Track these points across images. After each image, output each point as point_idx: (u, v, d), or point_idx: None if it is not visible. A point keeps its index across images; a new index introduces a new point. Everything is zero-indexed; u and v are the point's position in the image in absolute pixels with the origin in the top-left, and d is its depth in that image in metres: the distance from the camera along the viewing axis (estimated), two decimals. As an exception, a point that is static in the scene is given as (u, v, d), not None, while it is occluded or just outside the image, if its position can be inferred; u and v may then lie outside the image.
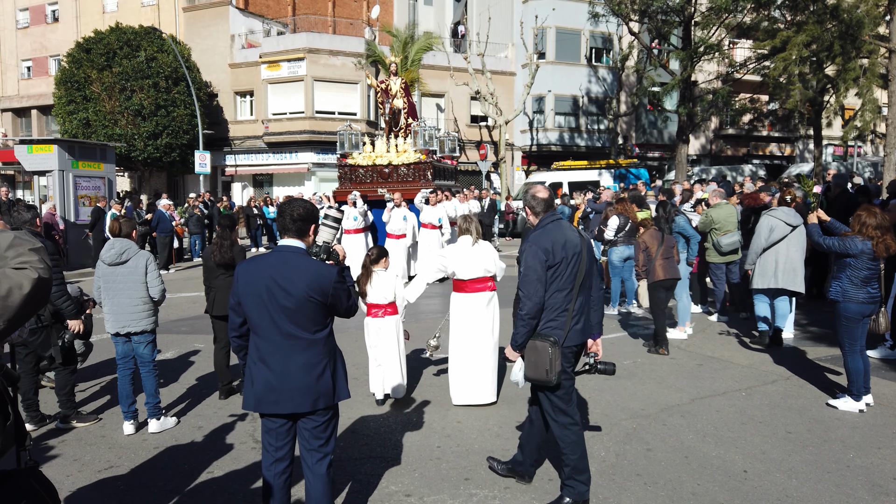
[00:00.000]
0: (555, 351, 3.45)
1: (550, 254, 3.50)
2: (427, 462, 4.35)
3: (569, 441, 3.62)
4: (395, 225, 12.00)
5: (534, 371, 3.51)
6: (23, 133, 33.85)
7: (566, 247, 3.54)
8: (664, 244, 7.03)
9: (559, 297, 3.53)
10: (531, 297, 3.48)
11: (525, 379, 3.60)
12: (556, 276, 3.52)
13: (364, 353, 7.13)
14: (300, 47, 27.22)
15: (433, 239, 12.12)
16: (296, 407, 3.00)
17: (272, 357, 3.01)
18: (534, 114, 30.81)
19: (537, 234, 3.62)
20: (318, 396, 3.01)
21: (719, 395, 5.67)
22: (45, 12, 33.52)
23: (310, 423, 3.07)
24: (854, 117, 20.59)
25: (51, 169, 15.08)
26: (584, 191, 16.63)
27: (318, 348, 3.03)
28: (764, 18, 21.88)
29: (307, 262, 3.00)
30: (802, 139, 34.99)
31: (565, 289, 3.53)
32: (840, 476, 4.07)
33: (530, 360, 3.51)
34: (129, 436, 4.93)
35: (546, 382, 3.49)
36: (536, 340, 3.51)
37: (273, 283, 2.96)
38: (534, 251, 3.51)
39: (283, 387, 2.99)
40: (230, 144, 29.04)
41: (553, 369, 3.45)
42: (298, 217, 3.07)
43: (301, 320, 2.97)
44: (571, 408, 3.68)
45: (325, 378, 3.03)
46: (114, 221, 5.30)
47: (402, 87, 13.55)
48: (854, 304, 5.13)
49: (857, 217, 5.24)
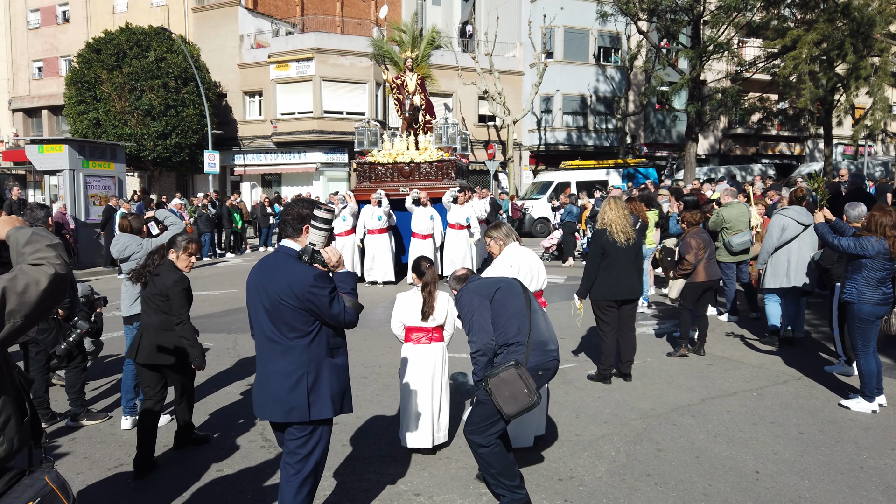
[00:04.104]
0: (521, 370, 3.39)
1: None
2: (436, 461, 4.34)
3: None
4: (422, 224, 11.67)
5: (515, 404, 3.35)
6: (34, 133, 34.09)
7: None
8: (709, 245, 6.85)
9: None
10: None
11: (509, 419, 3.42)
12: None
13: (373, 351, 7.17)
14: (309, 47, 27.28)
15: (461, 239, 11.78)
16: (272, 416, 2.94)
17: (260, 360, 3.04)
18: (542, 113, 30.74)
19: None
20: (291, 409, 2.89)
21: (730, 395, 5.63)
22: (56, 13, 33.74)
23: (288, 436, 2.99)
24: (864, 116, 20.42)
25: (61, 168, 15.18)
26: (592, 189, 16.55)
27: (295, 356, 2.90)
28: (774, 17, 21.75)
29: (290, 265, 2.92)
30: (812, 138, 34.75)
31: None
32: (853, 477, 4.03)
33: (504, 396, 3.35)
34: (126, 430, 5.00)
35: (532, 406, 3.37)
36: (500, 372, 3.38)
37: (260, 284, 2.97)
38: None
39: (266, 392, 2.96)
40: (239, 144, 29.15)
41: (531, 388, 3.35)
42: (292, 218, 3.01)
43: (279, 324, 2.91)
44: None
45: (300, 390, 2.89)
46: (122, 219, 5.36)
47: (418, 82, 13.16)
48: (869, 305, 5.06)
49: (872, 216, 5.15)
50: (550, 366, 3.62)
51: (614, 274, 5.81)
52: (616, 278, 5.82)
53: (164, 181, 29.48)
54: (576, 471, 4.14)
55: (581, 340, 7.48)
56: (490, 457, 3.53)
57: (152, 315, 4.32)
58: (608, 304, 5.89)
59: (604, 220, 5.92)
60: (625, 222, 5.86)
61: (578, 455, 4.41)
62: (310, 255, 2.89)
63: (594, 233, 6.13)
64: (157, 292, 4.26)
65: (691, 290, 6.84)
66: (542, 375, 3.56)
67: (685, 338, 6.89)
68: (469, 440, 3.60)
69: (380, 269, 12.00)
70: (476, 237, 11.86)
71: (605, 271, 5.83)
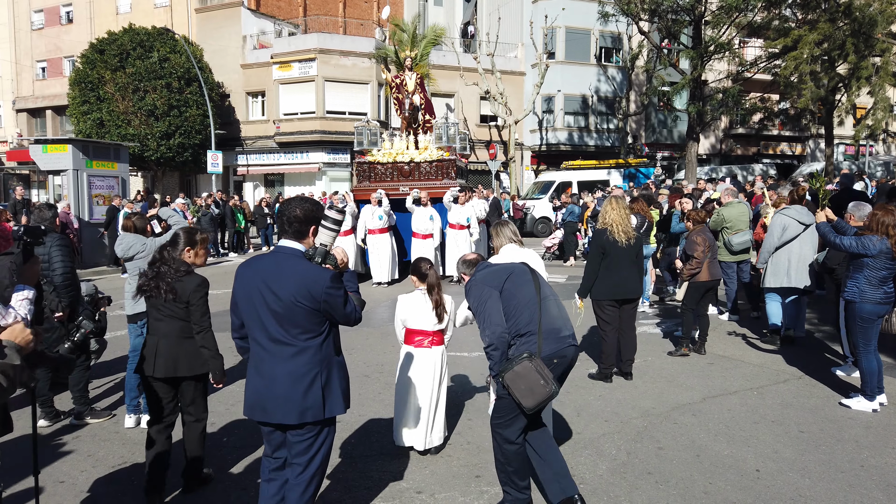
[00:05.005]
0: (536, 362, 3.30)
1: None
2: (438, 459, 4.36)
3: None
4: (422, 224, 11.69)
5: (532, 397, 3.26)
6: (38, 133, 34.16)
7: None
8: (713, 243, 6.84)
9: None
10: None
11: (529, 412, 3.32)
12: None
13: (375, 350, 7.19)
14: (311, 48, 27.33)
15: (461, 239, 11.79)
16: (283, 417, 2.86)
17: (263, 363, 2.92)
18: (543, 113, 30.76)
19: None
20: (305, 409, 2.85)
21: (731, 393, 5.64)
22: (60, 14, 33.83)
23: (296, 437, 2.93)
24: (866, 116, 20.44)
25: (65, 168, 15.24)
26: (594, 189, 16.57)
27: (308, 357, 2.87)
28: (775, 17, 21.76)
29: (300, 265, 2.85)
30: (813, 138, 34.73)
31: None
32: (854, 476, 4.05)
33: (521, 389, 3.27)
34: (129, 429, 5.02)
35: (551, 396, 3.28)
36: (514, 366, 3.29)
37: (264, 286, 2.85)
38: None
39: (270, 395, 2.88)
40: (242, 144, 29.20)
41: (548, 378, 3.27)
42: (295, 219, 2.93)
43: (289, 326, 2.84)
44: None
45: (315, 390, 2.86)
46: (126, 219, 5.39)
47: (417, 82, 13.15)
48: (870, 304, 5.07)
49: (874, 216, 5.15)
50: (567, 353, 3.50)
51: (615, 273, 5.83)
52: (617, 278, 5.83)
53: (167, 181, 29.54)
54: (577, 469, 4.16)
55: (582, 340, 7.49)
56: (511, 454, 3.46)
57: (169, 322, 3.83)
58: (609, 303, 5.91)
59: (605, 219, 5.94)
60: (626, 222, 5.87)
61: (579, 453, 4.43)
62: (323, 256, 2.86)
63: (595, 232, 6.15)
64: (174, 298, 3.82)
65: (694, 290, 6.85)
66: (557, 363, 3.44)
67: (687, 337, 6.91)
68: (495, 433, 3.51)
69: (381, 269, 12.01)
70: (476, 237, 11.87)
71: (606, 271, 5.85)
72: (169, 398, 3.90)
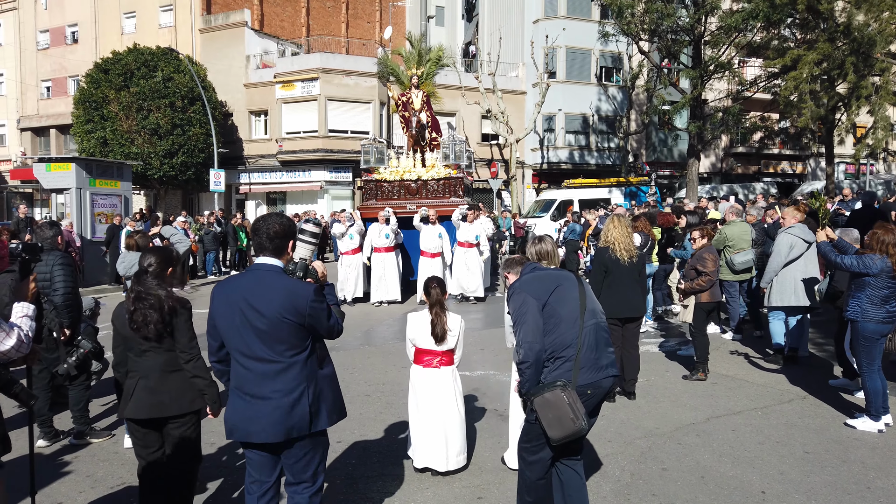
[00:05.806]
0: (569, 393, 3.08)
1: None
2: (440, 482, 4.32)
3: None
4: (431, 243, 11.59)
5: (560, 429, 3.05)
6: (42, 152, 34.39)
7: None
8: (718, 262, 6.79)
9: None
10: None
11: (555, 443, 3.11)
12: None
13: (376, 369, 7.15)
14: (314, 67, 27.60)
15: (470, 258, 11.74)
16: (269, 437, 2.81)
17: (246, 382, 2.86)
18: (544, 132, 30.94)
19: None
20: (291, 426, 2.81)
21: (735, 413, 5.60)
22: (65, 34, 34.24)
23: (291, 458, 2.90)
24: (866, 135, 20.52)
25: (68, 187, 15.30)
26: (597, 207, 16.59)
27: (295, 373, 2.83)
28: (774, 37, 21.95)
29: (282, 281, 2.83)
30: (814, 157, 34.84)
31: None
32: (860, 497, 4.00)
33: (549, 418, 3.06)
34: (128, 448, 4.93)
35: (579, 433, 3.06)
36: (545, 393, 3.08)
37: (245, 304, 2.80)
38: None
39: (256, 415, 2.81)
40: (245, 163, 29.37)
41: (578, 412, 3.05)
42: (276, 234, 2.90)
43: (274, 343, 2.80)
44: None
45: (301, 406, 2.82)
46: (129, 238, 5.41)
47: (424, 100, 13.10)
48: (873, 323, 5.05)
49: (874, 234, 5.15)
50: (603, 385, 3.22)
51: (617, 292, 5.82)
52: (619, 296, 5.82)
53: (170, 199, 29.67)
54: (580, 490, 4.11)
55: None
56: (531, 484, 3.29)
57: (151, 356, 3.35)
58: (611, 321, 5.88)
59: (607, 237, 5.94)
60: (628, 240, 5.87)
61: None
62: (304, 270, 2.87)
63: (597, 251, 6.14)
64: (156, 332, 3.31)
65: (702, 311, 6.80)
66: (591, 395, 3.18)
67: (703, 361, 6.73)
68: (520, 456, 3.34)
69: (386, 289, 11.93)
70: (486, 255, 11.79)
71: (608, 289, 5.84)
72: (154, 439, 3.43)
